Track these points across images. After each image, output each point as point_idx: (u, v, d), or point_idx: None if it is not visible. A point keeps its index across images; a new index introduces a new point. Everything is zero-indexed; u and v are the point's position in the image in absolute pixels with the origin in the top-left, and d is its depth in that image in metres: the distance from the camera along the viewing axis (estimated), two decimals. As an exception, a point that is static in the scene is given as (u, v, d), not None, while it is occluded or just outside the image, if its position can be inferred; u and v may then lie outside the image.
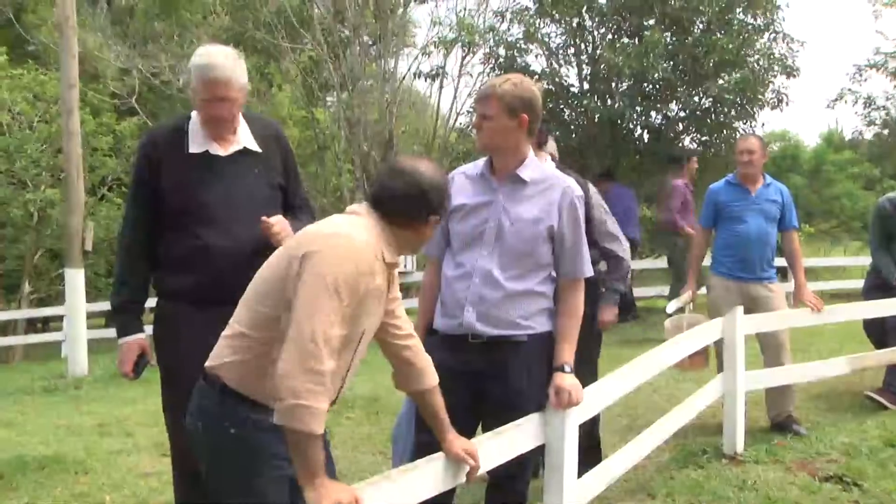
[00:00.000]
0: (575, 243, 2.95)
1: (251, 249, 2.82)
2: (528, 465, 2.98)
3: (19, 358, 13.76)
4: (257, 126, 3.16)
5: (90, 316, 10.75)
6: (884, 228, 6.11)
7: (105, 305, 14.94)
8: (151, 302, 3.11)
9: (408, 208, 2.32)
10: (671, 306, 5.74)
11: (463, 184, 3.08)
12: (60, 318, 11.95)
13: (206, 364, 2.29)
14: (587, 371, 3.43)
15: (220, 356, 2.26)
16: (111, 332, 13.64)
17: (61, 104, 9.77)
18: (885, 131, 18.17)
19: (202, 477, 2.36)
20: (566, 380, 2.84)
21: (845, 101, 18.08)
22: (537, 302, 2.95)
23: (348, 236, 2.17)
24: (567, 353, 2.89)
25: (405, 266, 11.90)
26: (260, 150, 3.08)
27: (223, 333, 2.30)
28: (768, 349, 5.34)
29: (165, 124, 3.28)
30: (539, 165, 3.04)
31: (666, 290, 12.55)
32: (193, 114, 3.05)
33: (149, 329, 3.07)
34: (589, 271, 3.00)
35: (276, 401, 2.02)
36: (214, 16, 16.77)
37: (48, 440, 6.09)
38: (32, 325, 16.70)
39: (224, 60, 2.94)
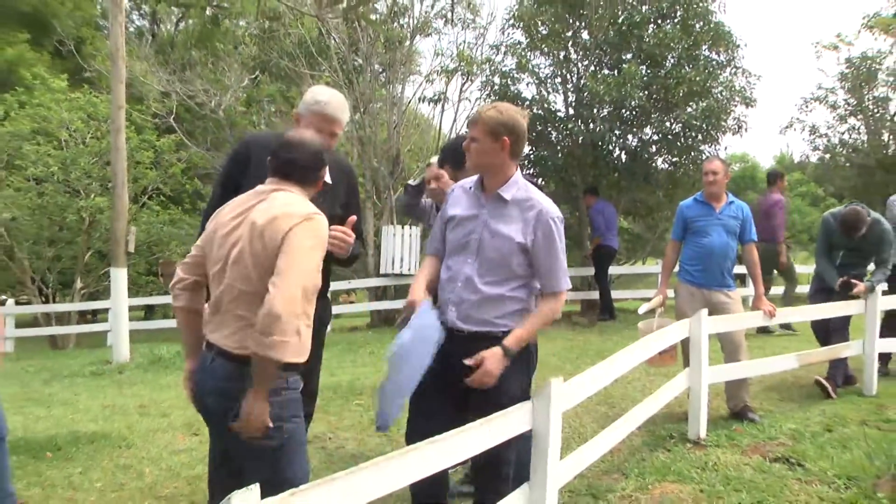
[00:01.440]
0: (548, 260, 2.93)
1: None
2: (513, 449, 2.93)
3: (72, 345, 13.76)
4: (334, 162, 3.25)
5: (132, 309, 10.77)
6: (827, 239, 6.16)
7: (145, 300, 15.01)
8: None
9: (310, 173, 2.62)
10: (642, 308, 5.76)
11: (459, 196, 3.12)
12: (107, 310, 11.95)
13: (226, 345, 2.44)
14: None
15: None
16: (150, 324, 13.80)
17: (110, 123, 9.77)
18: (827, 156, 18.34)
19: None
20: (492, 361, 2.82)
21: (794, 129, 18.32)
22: (510, 305, 2.95)
23: (307, 209, 2.47)
24: (515, 338, 2.88)
25: (409, 269, 11.89)
26: (330, 182, 3.13)
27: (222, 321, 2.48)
28: (727, 347, 5.36)
29: (264, 133, 3.36)
30: (523, 187, 3.01)
31: (640, 293, 12.61)
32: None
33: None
34: (562, 286, 2.96)
35: (262, 335, 2.21)
36: (244, 46, 16.81)
37: (97, 418, 6.12)
38: (83, 317, 16.71)
39: (341, 103, 3.14)
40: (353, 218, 3.07)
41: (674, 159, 12.43)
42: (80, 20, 20.97)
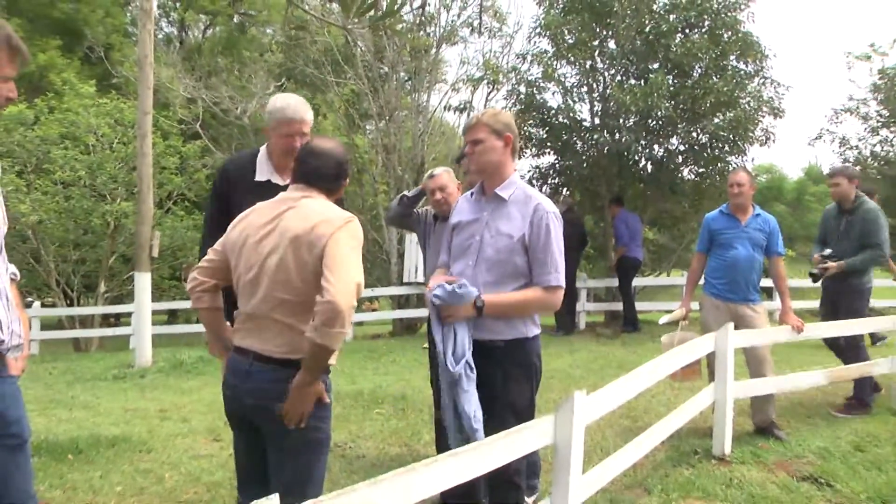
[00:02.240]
0: (542, 254, 2.94)
1: None
2: (524, 458, 2.88)
3: (95, 348, 13.91)
4: None
5: (155, 314, 10.86)
6: (824, 228, 6.28)
7: (168, 304, 15.13)
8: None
9: (334, 180, 2.71)
10: (664, 319, 5.71)
11: (462, 205, 3.23)
12: (130, 314, 12.06)
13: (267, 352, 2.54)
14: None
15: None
16: (173, 329, 13.92)
17: (137, 129, 9.86)
18: (858, 168, 18.09)
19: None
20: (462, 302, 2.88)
21: (824, 140, 18.07)
22: None
23: (344, 214, 2.57)
24: (492, 298, 2.90)
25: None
26: None
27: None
28: (753, 362, 5.29)
29: (242, 154, 3.59)
30: (521, 187, 3.06)
31: (664, 305, 12.50)
32: (262, 148, 3.33)
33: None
34: (554, 282, 2.95)
35: (323, 326, 2.32)
36: (270, 53, 16.95)
37: (118, 422, 6.16)
38: (107, 320, 16.87)
39: (299, 103, 3.25)
40: None
41: (700, 170, 12.38)
42: (109, 27, 21.33)
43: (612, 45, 12.29)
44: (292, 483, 2.54)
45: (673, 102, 11.34)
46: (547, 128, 12.69)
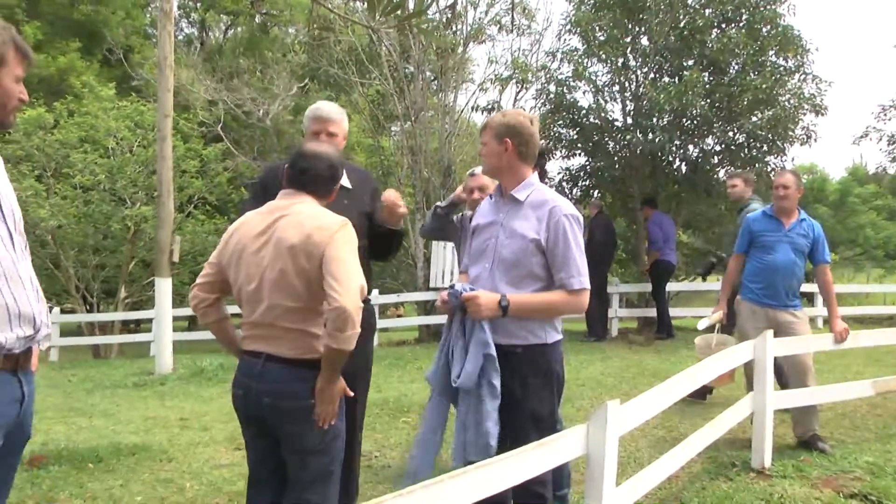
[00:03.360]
0: (561, 257, 2.93)
1: None
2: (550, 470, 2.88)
3: (115, 354, 14.07)
4: (351, 170, 3.65)
5: (175, 320, 10.96)
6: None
7: (188, 311, 15.25)
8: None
9: (327, 184, 2.82)
10: (702, 323, 5.63)
11: (482, 208, 3.27)
12: (150, 320, 12.19)
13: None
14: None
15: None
16: (194, 335, 14.04)
17: (157, 131, 9.98)
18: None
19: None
20: (486, 296, 2.87)
21: (870, 139, 17.63)
22: None
23: (337, 218, 2.68)
24: (517, 297, 2.90)
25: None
26: (350, 187, 3.52)
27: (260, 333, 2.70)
28: (794, 371, 5.19)
29: (281, 161, 3.66)
30: (539, 189, 3.07)
31: (699, 311, 12.36)
32: None
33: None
34: (578, 285, 2.94)
35: (336, 331, 2.46)
36: (293, 53, 17.09)
37: (138, 430, 6.23)
38: (127, 326, 17.07)
39: (332, 107, 3.57)
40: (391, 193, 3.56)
41: (737, 171, 12.22)
42: (129, 29, 21.64)
43: (644, 41, 12.22)
44: (313, 482, 2.67)
45: (708, 101, 11.24)
46: (577, 128, 12.64)
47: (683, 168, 12.36)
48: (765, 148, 11.64)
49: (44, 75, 18.28)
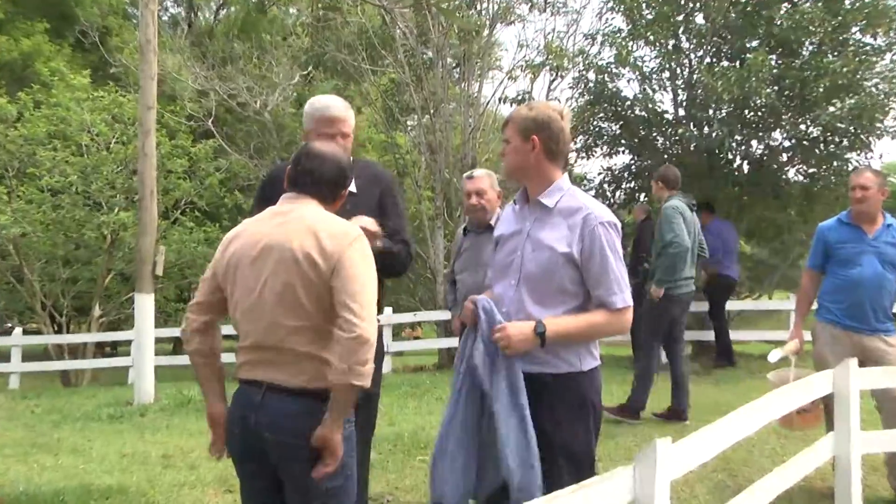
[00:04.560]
0: (600, 271, 2.93)
1: None
2: None
3: (87, 381, 14.16)
4: (360, 169, 3.63)
5: (158, 342, 11.00)
6: None
7: (173, 331, 15.32)
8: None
9: (334, 189, 2.83)
10: (774, 355, 5.52)
11: (507, 215, 3.28)
12: (129, 342, 12.25)
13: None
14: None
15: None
16: (179, 360, 14.09)
17: (138, 125, 10.05)
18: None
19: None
20: (516, 328, 2.86)
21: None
22: None
23: (350, 228, 2.71)
24: (554, 323, 2.89)
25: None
26: (355, 191, 3.46)
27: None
28: (888, 408, 5.07)
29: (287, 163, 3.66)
30: (571, 193, 3.06)
31: (766, 334, 12.25)
32: None
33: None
34: (620, 303, 2.94)
35: (355, 365, 2.45)
36: (294, 37, 17.20)
37: (112, 469, 6.23)
38: (101, 349, 17.17)
39: (338, 101, 3.57)
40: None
41: (810, 170, 12.13)
42: (106, 8, 21.84)
43: (699, 19, 12.16)
44: None
45: (776, 88, 11.16)
46: (621, 122, 12.64)
47: (746, 167, 12.29)
48: (845, 143, 11.50)
49: (5, 60, 18.50)
